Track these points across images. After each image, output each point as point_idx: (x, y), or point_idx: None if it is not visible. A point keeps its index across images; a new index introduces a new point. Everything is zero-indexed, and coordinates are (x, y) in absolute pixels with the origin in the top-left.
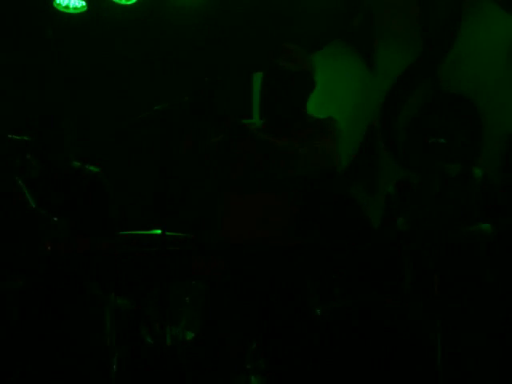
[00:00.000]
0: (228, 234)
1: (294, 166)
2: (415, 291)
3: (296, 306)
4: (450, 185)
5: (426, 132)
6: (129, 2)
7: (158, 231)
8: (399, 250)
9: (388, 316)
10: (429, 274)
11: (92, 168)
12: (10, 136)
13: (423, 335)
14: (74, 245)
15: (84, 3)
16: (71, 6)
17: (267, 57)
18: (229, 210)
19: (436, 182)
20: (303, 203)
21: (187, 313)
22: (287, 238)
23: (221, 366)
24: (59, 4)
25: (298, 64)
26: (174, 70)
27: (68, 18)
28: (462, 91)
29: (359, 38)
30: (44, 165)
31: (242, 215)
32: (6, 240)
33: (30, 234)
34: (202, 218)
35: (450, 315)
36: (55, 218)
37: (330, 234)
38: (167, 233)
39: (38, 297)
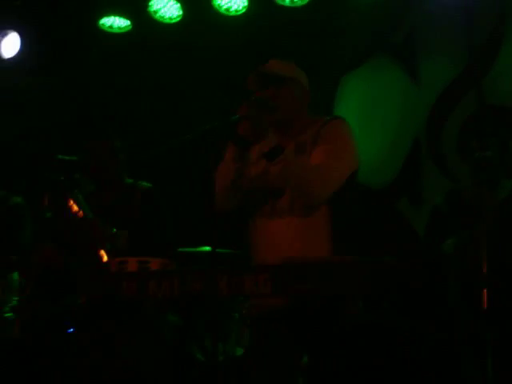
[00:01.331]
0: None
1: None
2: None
3: (344, 322)
4: (504, 204)
5: (473, 146)
6: (173, 21)
7: (208, 248)
8: (442, 272)
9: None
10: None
11: (144, 183)
12: (59, 156)
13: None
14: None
15: (129, 22)
16: (115, 26)
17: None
18: (257, 234)
19: (487, 199)
20: (341, 219)
21: (236, 329)
22: (328, 257)
23: (272, 382)
24: (103, 24)
25: (287, 71)
26: (220, 89)
27: (113, 38)
28: (506, 103)
29: (402, 51)
30: (98, 183)
31: (270, 239)
32: (68, 253)
33: (89, 245)
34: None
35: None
36: (114, 229)
37: (371, 249)
38: (217, 250)
39: (94, 313)
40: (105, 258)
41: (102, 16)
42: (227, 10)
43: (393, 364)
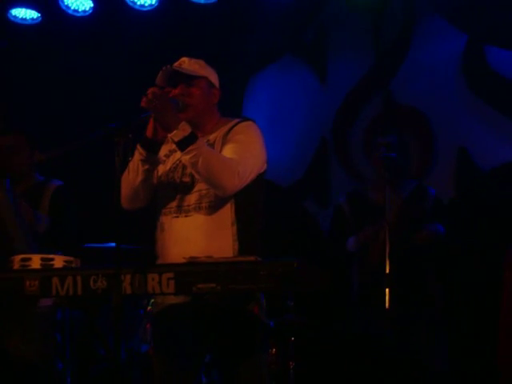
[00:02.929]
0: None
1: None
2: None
3: (247, 319)
4: (407, 202)
5: (378, 146)
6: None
7: (113, 244)
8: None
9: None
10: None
11: (56, 181)
12: None
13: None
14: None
15: (39, 14)
16: (27, 17)
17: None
18: (163, 232)
19: (390, 199)
20: (248, 218)
21: (141, 326)
22: (231, 257)
23: (175, 379)
24: (15, 15)
25: (197, 69)
26: (131, 84)
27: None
28: (413, 104)
29: (311, 51)
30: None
31: (175, 238)
32: None
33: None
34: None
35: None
36: None
37: (277, 248)
38: (122, 246)
39: None
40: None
41: (12, 7)
42: (141, 5)
43: None
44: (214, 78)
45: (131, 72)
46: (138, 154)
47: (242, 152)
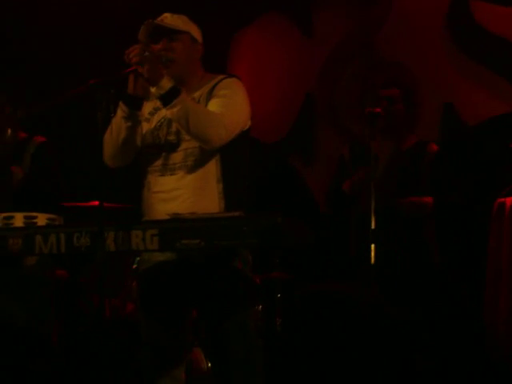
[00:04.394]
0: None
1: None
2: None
3: (231, 275)
4: (403, 155)
5: (364, 100)
6: None
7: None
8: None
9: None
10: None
11: (39, 138)
12: None
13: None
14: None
15: None
16: None
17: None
18: (149, 190)
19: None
20: (233, 175)
21: (127, 284)
22: (216, 213)
23: (162, 336)
24: None
25: (179, 24)
26: (115, 39)
27: None
28: (398, 59)
29: (296, 7)
30: None
31: (161, 196)
32: None
33: None
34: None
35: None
36: None
37: (264, 205)
38: (106, 204)
39: None
40: None
41: None
42: None
43: None
44: (196, 33)
45: (114, 27)
46: (121, 110)
47: (227, 105)
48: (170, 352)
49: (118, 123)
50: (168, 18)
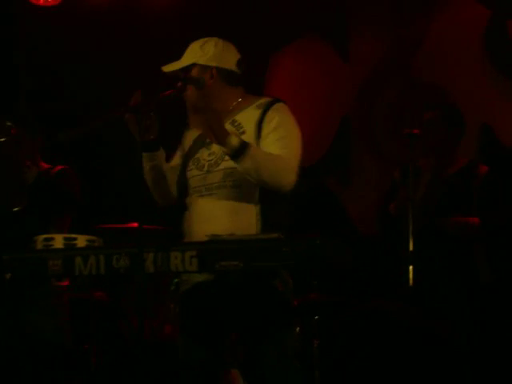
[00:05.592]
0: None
1: None
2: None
3: (271, 297)
4: (449, 177)
5: (401, 123)
6: None
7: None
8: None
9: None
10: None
11: (59, 167)
12: None
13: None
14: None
15: None
16: None
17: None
18: (189, 211)
19: (417, 175)
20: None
21: (165, 306)
22: (254, 235)
23: (199, 358)
24: None
25: (184, 59)
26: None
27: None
28: (435, 81)
29: (333, 29)
30: None
31: (200, 217)
32: None
33: None
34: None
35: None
36: None
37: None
38: (144, 226)
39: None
40: None
41: None
42: None
43: None
44: (205, 59)
45: (152, 51)
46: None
47: (290, 146)
48: (208, 373)
49: (144, 165)
50: (176, 64)
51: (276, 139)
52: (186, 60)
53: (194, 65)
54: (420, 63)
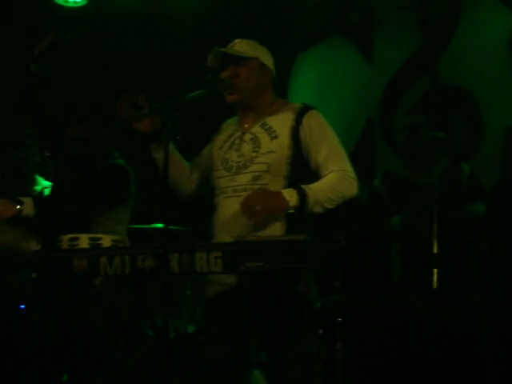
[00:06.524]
0: (215, 233)
1: None
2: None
3: (295, 299)
4: (443, 179)
5: (426, 126)
6: None
7: (161, 225)
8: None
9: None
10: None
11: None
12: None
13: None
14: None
15: None
16: (71, 0)
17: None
18: (216, 212)
19: (436, 181)
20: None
21: (188, 306)
22: (279, 236)
23: (223, 359)
24: None
25: (247, 50)
26: (182, 64)
27: (68, 12)
28: (461, 84)
29: (358, 30)
30: None
31: (226, 218)
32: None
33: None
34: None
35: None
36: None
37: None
38: (170, 227)
39: (45, 289)
40: None
41: None
42: None
43: None
44: (266, 58)
45: (182, 51)
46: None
47: (340, 153)
48: (232, 374)
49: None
50: (236, 45)
51: (326, 153)
52: (250, 51)
53: (253, 58)
54: (445, 66)
